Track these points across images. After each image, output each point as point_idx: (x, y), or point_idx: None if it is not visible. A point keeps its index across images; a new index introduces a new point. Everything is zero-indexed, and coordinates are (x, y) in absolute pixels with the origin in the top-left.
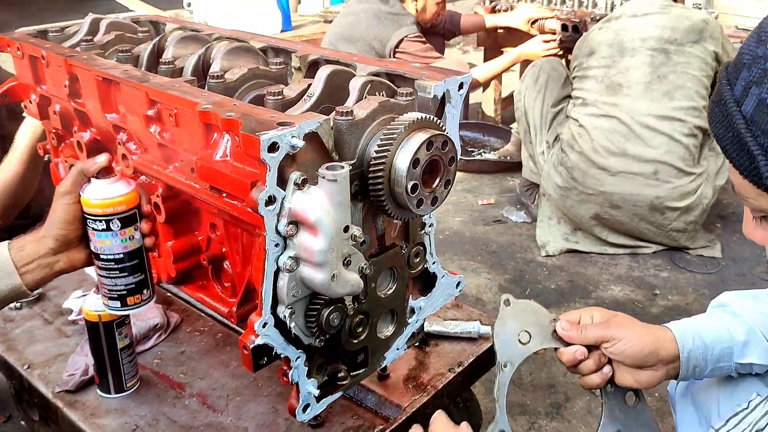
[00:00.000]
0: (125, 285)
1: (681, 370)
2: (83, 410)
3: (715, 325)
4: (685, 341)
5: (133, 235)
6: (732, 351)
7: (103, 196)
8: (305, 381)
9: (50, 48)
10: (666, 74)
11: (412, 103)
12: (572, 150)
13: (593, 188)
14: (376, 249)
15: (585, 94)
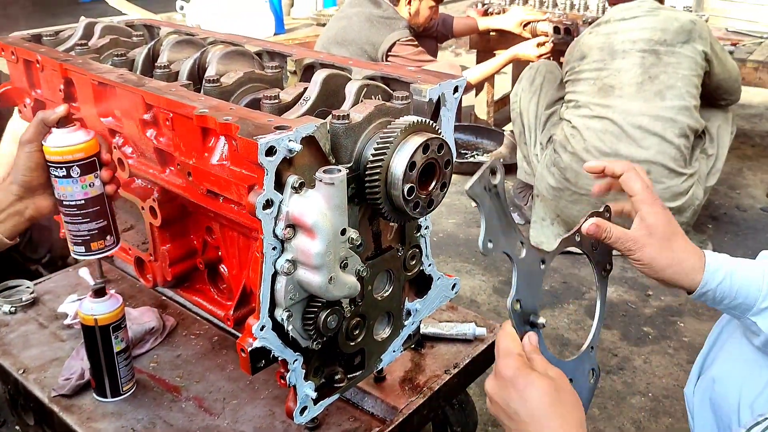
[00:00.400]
0: (88, 230)
1: (693, 295)
2: (79, 414)
3: (754, 275)
4: (712, 279)
5: (93, 182)
6: (751, 308)
7: (63, 144)
8: (303, 384)
9: (45, 52)
10: (657, 74)
11: (408, 106)
12: (565, 150)
13: (586, 188)
14: (372, 252)
15: (577, 96)
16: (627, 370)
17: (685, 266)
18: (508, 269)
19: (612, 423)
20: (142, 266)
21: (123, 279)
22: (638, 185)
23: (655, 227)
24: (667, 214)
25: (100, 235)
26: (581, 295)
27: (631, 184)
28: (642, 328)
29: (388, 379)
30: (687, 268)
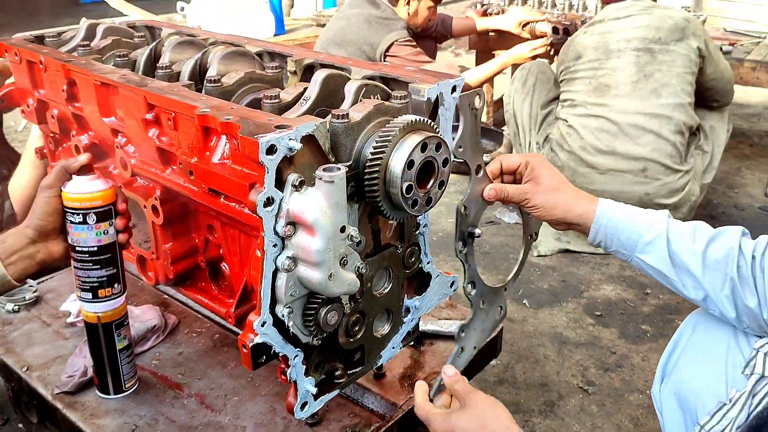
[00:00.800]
0: (97, 277)
1: (588, 237)
2: (83, 411)
3: (639, 219)
4: (601, 219)
5: (108, 230)
6: (636, 244)
7: (82, 191)
8: (303, 379)
9: (48, 53)
10: (652, 73)
11: (407, 105)
12: (561, 149)
13: (583, 186)
14: (371, 249)
15: (573, 96)
16: (625, 368)
17: (572, 205)
18: (507, 268)
19: (610, 420)
20: (144, 264)
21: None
22: (515, 158)
23: (541, 178)
24: (553, 171)
25: (108, 283)
26: (580, 294)
27: (511, 161)
28: (640, 326)
29: (387, 375)
30: (574, 206)
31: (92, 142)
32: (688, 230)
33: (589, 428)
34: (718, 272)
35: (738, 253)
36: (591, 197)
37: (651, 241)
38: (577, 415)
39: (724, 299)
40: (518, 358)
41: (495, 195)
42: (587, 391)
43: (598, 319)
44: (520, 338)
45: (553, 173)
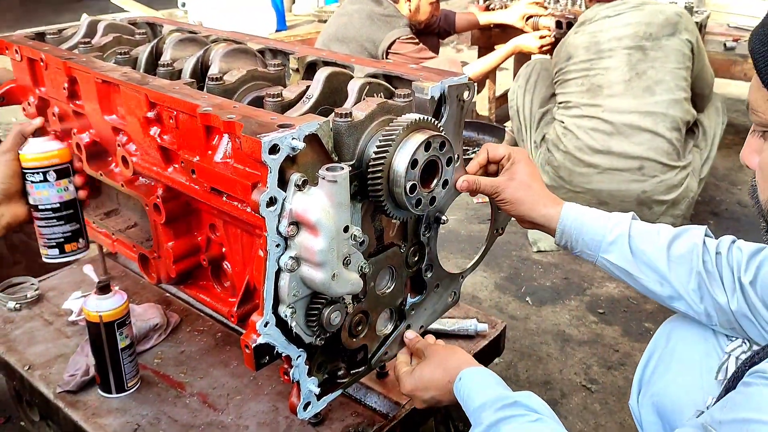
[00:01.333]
0: (62, 233)
1: (555, 238)
2: (85, 410)
3: (603, 221)
4: (566, 221)
5: (68, 187)
6: (600, 245)
7: (39, 151)
8: (306, 379)
9: (49, 50)
10: (644, 70)
11: (410, 104)
12: (558, 149)
13: (581, 186)
14: (374, 248)
15: (567, 97)
16: (628, 366)
17: (539, 204)
18: (510, 266)
19: (613, 418)
20: (146, 263)
21: (127, 276)
22: (501, 149)
23: (515, 174)
24: (531, 168)
25: (73, 238)
26: (582, 291)
27: (496, 152)
28: (643, 324)
29: (390, 374)
30: (540, 206)
31: (93, 140)
32: (652, 229)
33: (592, 426)
34: (683, 266)
35: (702, 248)
36: (557, 200)
37: (614, 240)
38: (580, 414)
39: (692, 293)
40: (521, 356)
41: (467, 186)
42: (590, 390)
43: (601, 317)
44: (523, 336)
45: (530, 170)
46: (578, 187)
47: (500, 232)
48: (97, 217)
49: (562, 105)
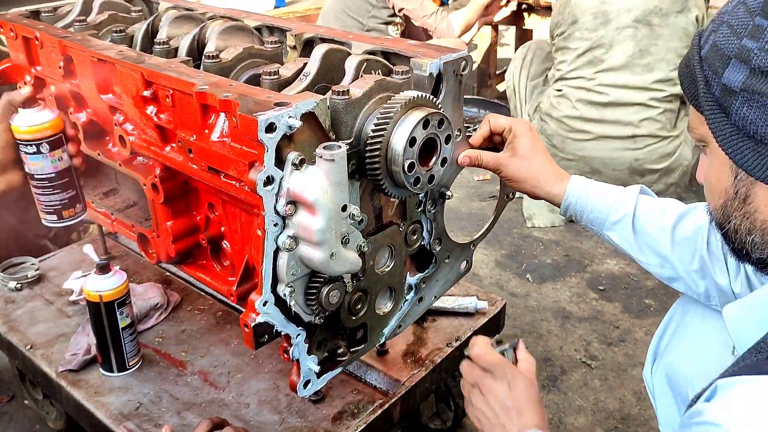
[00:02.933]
0: (59, 200)
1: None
2: (87, 389)
3: (608, 199)
4: (570, 198)
5: (62, 156)
6: (603, 223)
7: (32, 123)
8: (306, 357)
9: (44, 29)
10: (648, 47)
11: (408, 81)
12: (551, 118)
13: (573, 153)
14: (373, 227)
15: (565, 66)
16: (628, 342)
17: (542, 181)
18: (510, 243)
19: (613, 394)
20: (146, 242)
21: (127, 255)
22: (502, 120)
23: (517, 149)
24: (533, 142)
25: (70, 204)
26: (583, 268)
27: (498, 123)
28: (644, 301)
29: (390, 352)
30: (544, 183)
31: (90, 119)
32: (658, 207)
33: (592, 402)
34: (686, 248)
35: (708, 228)
36: (562, 175)
37: (618, 220)
38: (580, 389)
39: (693, 274)
40: (521, 333)
41: (469, 162)
42: (590, 366)
43: (602, 294)
44: (523, 313)
45: (533, 144)
46: (571, 155)
47: (511, 197)
48: (95, 197)
49: (559, 73)
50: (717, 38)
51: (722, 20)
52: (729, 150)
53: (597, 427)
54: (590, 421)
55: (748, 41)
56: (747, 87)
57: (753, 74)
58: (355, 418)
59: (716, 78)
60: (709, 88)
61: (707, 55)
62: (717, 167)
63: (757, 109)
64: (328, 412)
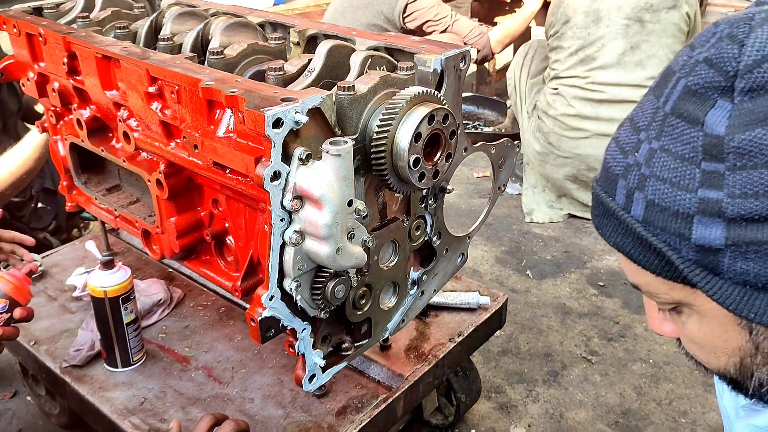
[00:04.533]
0: None
1: None
2: (91, 384)
3: None
4: None
5: None
6: None
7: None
8: (311, 352)
9: (47, 25)
10: (639, 44)
11: (413, 77)
12: (547, 116)
13: (569, 151)
14: (377, 223)
15: (559, 66)
16: (628, 338)
17: None
18: (510, 240)
19: (613, 389)
20: (150, 239)
21: (129, 251)
22: None
23: None
24: None
25: None
26: (583, 264)
27: None
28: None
29: (393, 347)
30: None
31: (94, 116)
32: None
33: (592, 397)
34: None
35: None
36: None
37: None
38: (580, 385)
39: None
40: (522, 329)
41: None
42: (590, 361)
43: (601, 290)
44: (524, 309)
45: None
46: (567, 153)
47: (502, 190)
48: (99, 193)
49: (554, 72)
50: (651, 196)
51: (642, 174)
52: (739, 309)
53: (598, 421)
54: (591, 416)
55: (709, 192)
56: (734, 241)
57: (734, 226)
58: (359, 412)
59: (683, 241)
60: (680, 253)
61: (650, 218)
62: (718, 328)
63: (757, 260)
64: (332, 406)
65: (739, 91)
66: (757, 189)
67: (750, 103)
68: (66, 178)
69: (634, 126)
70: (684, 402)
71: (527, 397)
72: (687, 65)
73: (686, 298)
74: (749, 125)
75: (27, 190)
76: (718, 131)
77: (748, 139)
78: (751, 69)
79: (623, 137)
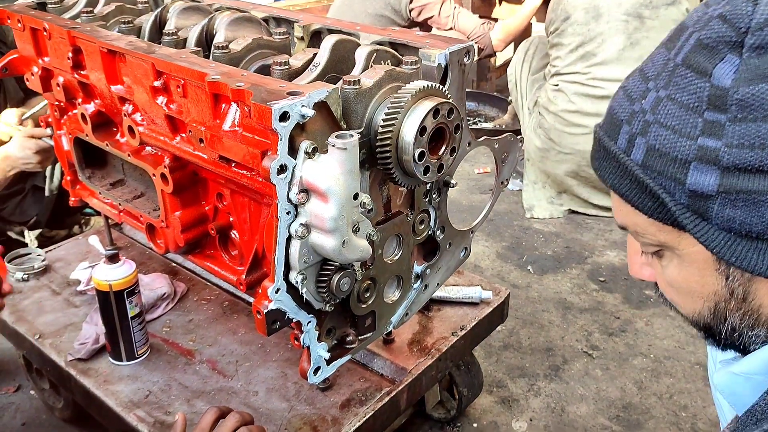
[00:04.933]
0: None
1: None
2: (96, 377)
3: None
4: None
5: None
6: None
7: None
8: (316, 345)
9: (51, 20)
10: (639, 40)
11: (417, 71)
12: (548, 112)
13: (570, 148)
14: (382, 216)
15: (560, 62)
16: (629, 332)
17: None
18: (511, 235)
19: (614, 383)
20: (154, 233)
21: (132, 246)
22: None
23: None
24: None
25: None
26: (583, 260)
27: None
28: (644, 292)
29: (396, 341)
30: None
31: (98, 110)
32: None
33: (593, 392)
34: None
35: None
36: None
37: None
38: (581, 379)
39: None
40: (523, 324)
41: None
42: (592, 356)
43: (602, 285)
44: (525, 304)
45: None
46: (568, 149)
47: (505, 184)
48: (103, 188)
49: (555, 69)
50: (653, 141)
51: (646, 121)
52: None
53: (599, 415)
54: (592, 410)
55: (708, 140)
56: (725, 189)
57: (727, 174)
58: (362, 405)
59: (678, 186)
60: (673, 196)
61: (649, 163)
62: (696, 272)
63: (744, 208)
64: (336, 399)
65: (748, 47)
66: (754, 141)
67: (757, 60)
68: (70, 172)
69: (644, 75)
70: (684, 396)
71: (529, 391)
72: (701, 20)
73: (672, 241)
74: (754, 80)
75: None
76: (724, 83)
77: (751, 93)
78: (762, 27)
79: (631, 86)
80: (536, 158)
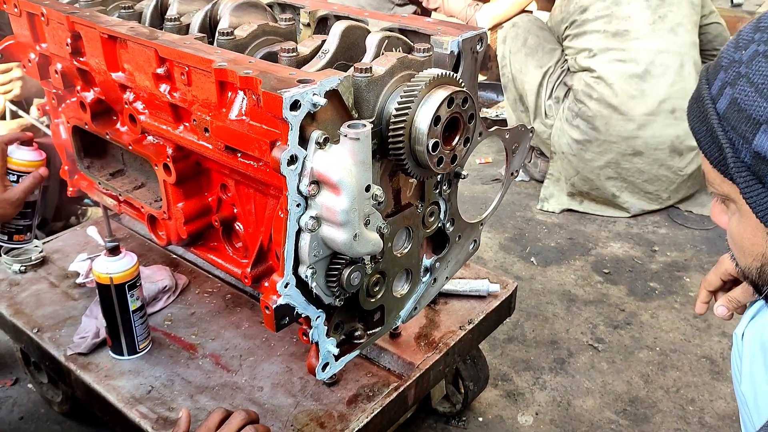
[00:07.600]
0: (16, 225)
1: None
2: (97, 372)
3: None
4: None
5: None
6: None
7: (22, 158)
8: (325, 340)
9: (50, 5)
10: (665, 14)
11: (430, 59)
12: (590, 98)
13: (617, 135)
14: (392, 209)
15: (591, 45)
16: (634, 325)
17: None
18: (514, 226)
19: (620, 377)
20: (155, 224)
21: (132, 237)
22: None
23: None
24: None
25: (23, 231)
26: (587, 251)
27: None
28: (648, 284)
29: (403, 335)
30: None
31: (98, 98)
32: None
33: (599, 385)
34: None
35: None
36: None
37: None
38: (587, 372)
39: None
40: (527, 316)
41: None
42: (597, 349)
43: (607, 277)
44: (529, 296)
45: None
46: (614, 137)
47: (515, 175)
48: (102, 178)
49: (585, 54)
50: (737, 95)
51: (739, 72)
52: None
53: (605, 409)
54: (599, 404)
55: None
56: None
57: None
58: (370, 401)
59: (745, 144)
60: (738, 153)
61: (728, 114)
62: (750, 230)
63: None
64: (342, 395)
65: None
66: None
67: None
68: (68, 162)
69: (757, 25)
70: (691, 390)
71: (534, 384)
72: None
73: (733, 194)
74: None
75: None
76: None
77: None
78: None
79: (744, 32)
80: (571, 152)
